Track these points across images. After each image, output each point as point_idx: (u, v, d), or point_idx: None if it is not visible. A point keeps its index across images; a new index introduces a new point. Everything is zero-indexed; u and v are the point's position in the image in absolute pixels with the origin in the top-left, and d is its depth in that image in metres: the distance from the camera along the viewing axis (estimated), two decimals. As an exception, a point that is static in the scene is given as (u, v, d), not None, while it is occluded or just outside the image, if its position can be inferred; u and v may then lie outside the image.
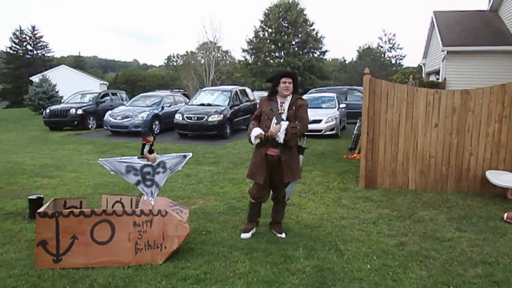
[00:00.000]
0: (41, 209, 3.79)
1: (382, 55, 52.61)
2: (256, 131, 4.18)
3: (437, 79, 17.07)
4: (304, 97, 16.09)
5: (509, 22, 14.82)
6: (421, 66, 22.09)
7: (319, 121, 13.05)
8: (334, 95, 15.35)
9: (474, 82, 11.41)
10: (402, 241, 4.33)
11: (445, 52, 14.88)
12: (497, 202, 5.77)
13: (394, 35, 54.77)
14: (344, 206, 5.65)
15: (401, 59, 51.91)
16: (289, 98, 4.27)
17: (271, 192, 4.47)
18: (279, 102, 4.27)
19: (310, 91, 20.16)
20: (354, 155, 9.36)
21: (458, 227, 4.78)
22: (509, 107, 6.08)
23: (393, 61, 52.12)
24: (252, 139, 4.22)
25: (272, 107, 4.26)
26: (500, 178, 5.87)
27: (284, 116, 4.21)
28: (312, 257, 3.92)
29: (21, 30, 47.11)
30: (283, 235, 4.45)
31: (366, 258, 3.90)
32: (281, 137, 4.10)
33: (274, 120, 4.19)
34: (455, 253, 4.05)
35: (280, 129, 4.09)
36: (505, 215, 5.03)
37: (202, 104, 13.84)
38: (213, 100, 14.13)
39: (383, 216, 5.20)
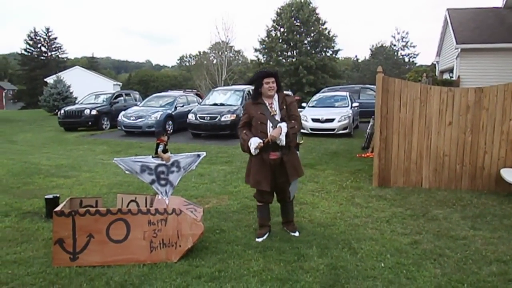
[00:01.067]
0: (57, 208, 3.87)
1: (395, 54, 52.09)
2: (255, 142, 4.04)
3: (451, 77, 16.86)
4: (317, 96, 16.22)
5: (525, 18, 14.55)
6: (434, 64, 21.84)
7: (332, 120, 13.03)
8: (347, 94, 15.28)
9: (489, 79, 11.26)
10: (416, 240, 4.32)
11: (459, 49, 14.69)
12: (512, 200, 5.71)
13: (407, 33, 54.15)
14: (358, 204, 5.64)
15: (415, 57, 51.36)
16: (275, 97, 4.18)
17: (277, 193, 4.42)
18: (267, 104, 4.16)
19: (323, 90, 20.08)
20: (367, 154, 9.31)
21: (473, 226, 4.74)
22: (524, 105, 5.99)
23: (406, 60, 51.57)
24: (253, 151, 4.08)
25: (262, 110, 4.14)
26: (516, 176, 5.79)
27: (277, 117, 4.12)
28: (325, 256, 3.93)
29: (35, 32, 47.94)
30: (297, 234, 4.46)
31: (380, 257, 3.90)
32: (282, 140, 4.05)
33: (270, 124, 4.09)
34: (469, 251, 4.02)
35: (281, 132, 4.03)
36: (521, 213, 4.97)
37: (215, 104, 13.88)
38: (226, 99, 14.15)
39: (397, 214, 5.18)
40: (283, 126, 4.06)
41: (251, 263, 3.77)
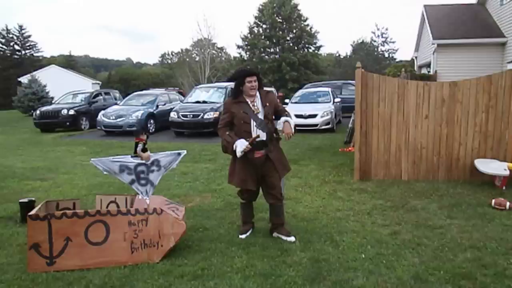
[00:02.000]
0: (32, 212, 3.77)
1: (376, 49, 52.80)
2: (242, 145, 3.92)
3: (429, 71, 17.20)
4: (300, 92, 16.32)
5: (495, 15, 15.00)
6: (413, 59, 22.22)
7: (314, 116, 13.16)
8: (329, 89, 15.44)
9: (464, 73, 11.53)
10: (395, 230, 4.41)
11: (435, 45, 15.02)
12: (485, 189, 5.88)
13: (386, 29, 55.15)
14: (340, 198, 5.71)
15: (394, 52, 52.24)
16: (257, 95, 4.12)
17: (267, 192, 4.30)
18: (249, 102, 4.08)
19: (306, 86, 20.22)
20: (350, 148, 9.42)
21: (449, 215, 4.88)
22: (495, 98, 6.19)
23: (386, 55, 52.35)
24: (238, 154, 3.94)
25: (245, 109, 4.02)
26: (488, 166, 5.98)
27: (261, 115, 4.06)
28: (308, 249, 3.98)
29: (7, 29, 46.43)
30: (293, 239, 4.19)
31: (361, 248, 3.97)
32: (263, 136, 3.99)
33: (253, 123, 4.02)
34: (445, 239, 4.14)
35: (291, 126, 4.01)
36: (493, 201, 5.15)
37: (198, 102, 13.80)
38: (209, 97, 14.08)
39: (377, 206, 5.28)
40: (291, 120, 4.06)
41: (234, 260, 3.78)
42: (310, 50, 40.73)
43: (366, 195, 5.81)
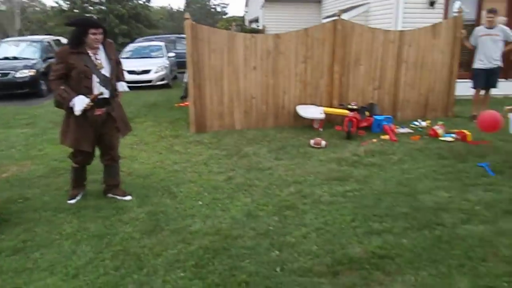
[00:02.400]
0: None
1: (207, 3, 53.09)
2: (81, 102, 3.52)
3: (258, 26, 18.24)
4: (131, 46, 15.34)
5: (312, -26, 16.65)
6: (244, 15, 23.21)
7: (148, 72, 12.66)
8: (163, 44, 14.92)
9: (289, 28, 12.58)
10: (230, 176, 4.69)
11: (263, 0, 15.89)
12: (306, 132, 6.70)
13: (217, -18, 55.51)
14: (177, 152, 5.73)
15: (225, 7, 53.61)
16: (101, 47, 3.74)
17: (103, 153, 4.03)
18: (91, 55, 3.65)
19: (137, 40, 19.11)
20: (186, 103, 9.41)
21: (277, 157, 5.42)
22: (311, 49, 6.94)
23: (219, 9, 53.28)
24: (78, 112, 3.54)
25: (86, 62, 3.60)
26: (307, 111, 6.83)
27: (106, 71, 3.70)
28: (145, 204, 3.92)
29: None
30: (129, 197, 4.08)
31: (198, 196, 4.12)
32: (106, 93, 3.70)
33: (96, 79, 3.62)
34: (273, 178, 4.62)
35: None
36: (312, 141, 5.93)
37: (6, 58, 11.76)
38: (20, 52, 12.15)
39: (213, 156, 5.50)
40: (125, 86, 4.02)
41: (63, 226, 3.49)
42: (140, 2, 38.29)
43: (203, 147, 5.98)
